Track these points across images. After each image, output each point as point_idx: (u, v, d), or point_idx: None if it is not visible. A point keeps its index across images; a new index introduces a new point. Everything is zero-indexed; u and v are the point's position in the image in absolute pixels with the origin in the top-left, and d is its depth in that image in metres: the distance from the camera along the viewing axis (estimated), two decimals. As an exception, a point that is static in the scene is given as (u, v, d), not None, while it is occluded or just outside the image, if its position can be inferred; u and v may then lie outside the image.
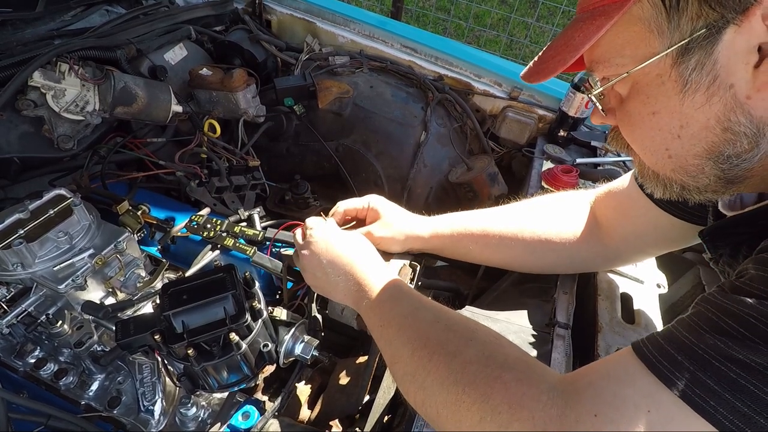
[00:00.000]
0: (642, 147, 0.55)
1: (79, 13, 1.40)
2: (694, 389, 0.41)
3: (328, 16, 1.70)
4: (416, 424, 0.69)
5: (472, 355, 0.57)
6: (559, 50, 0.52)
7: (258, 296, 0.81)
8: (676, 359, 0.43)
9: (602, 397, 0.47)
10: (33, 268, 0.82)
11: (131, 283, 0.91)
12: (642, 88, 0.50)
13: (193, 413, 0.82)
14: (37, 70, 1.04)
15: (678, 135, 0.50)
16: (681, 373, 0.42)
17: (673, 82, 0.47)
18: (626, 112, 0.54)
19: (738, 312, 0.42)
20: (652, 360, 0.45)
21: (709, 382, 0.40)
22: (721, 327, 0.42)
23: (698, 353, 0.42)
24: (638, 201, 0.79)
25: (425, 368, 0.59)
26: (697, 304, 0.47)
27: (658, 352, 0.45)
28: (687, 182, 0.54)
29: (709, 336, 0.42)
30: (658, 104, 0.50)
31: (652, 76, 0.49)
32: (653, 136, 0.52)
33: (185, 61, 1.46)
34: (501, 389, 0.51)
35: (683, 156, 0.51)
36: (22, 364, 0.86)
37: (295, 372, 0.89)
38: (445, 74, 1.58)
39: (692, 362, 0.42)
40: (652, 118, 0.51)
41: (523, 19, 3.82)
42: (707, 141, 0.48)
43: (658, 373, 0.44)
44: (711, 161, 0.50)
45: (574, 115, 1.40)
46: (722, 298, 0.44)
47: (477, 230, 0.91)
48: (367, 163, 1.45)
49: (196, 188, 1.19)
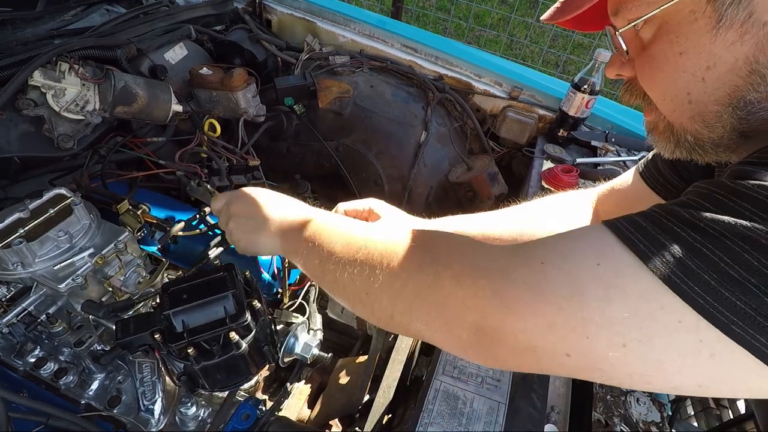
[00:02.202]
0: (662, 92, 0.53)
1: (79, 13, 1.40)
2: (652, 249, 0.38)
3: (329, 16, 1.70)
4: (420, 423, 0.69)
5: (413, 246, 0.53)
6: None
7: (258, 295, 0.81)
8: (640, 224, 0.41)
9: (554, 247, 0.44)
10: (33, 268, 0.82)
11: (131, 283, 0.91)
12: (671, 27, 0.49)
13: (193, 412, 0.83)
14: (38, 69, 1.04)
15: (702, 77, 0.48)
16: (644, 236, 0.39)
17: (707, 18, 0.45)
18: (649, 55, 0.52)
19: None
20: (620, 226, 0.42)
21: (672, 244, 0.37)
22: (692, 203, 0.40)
23: (664, 222, 0.39)
24: (643, 197, 0.78)
25: (369, 266, 0.54)
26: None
27: (626, 221, 0.42)
28: (701, 133, 0.52)
29: (666, 222, 0.40)
30: (687, 43, 0.48)
31: (685, 13, 0.47)
32: (676, 79, 0.50)
33: (185, 60, 1.46)
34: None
35: (704, 102, 0.49)
36: (22, 364, 0.86)
37: (295, 371, 0.89)
38: (445, 74, 1.58)
39: (656, 229, 0.39)
40: (678, 59, 0.49)
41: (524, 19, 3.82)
42: (731, 84, 0.47)
43: (620, 235, 0.41)
44: (730, 107, 0.48)
45: (574, 115, 1.40)
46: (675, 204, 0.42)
47: (477, 234, 0.91)
48: (368, 162, 1.45)
49: (196, 188, 1.19)
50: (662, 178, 0.76)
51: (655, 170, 0.77)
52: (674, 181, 0.75)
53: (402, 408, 0.80)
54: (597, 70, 1.34)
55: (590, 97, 1.36)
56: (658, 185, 0.77)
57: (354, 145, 1.47)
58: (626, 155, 1.40)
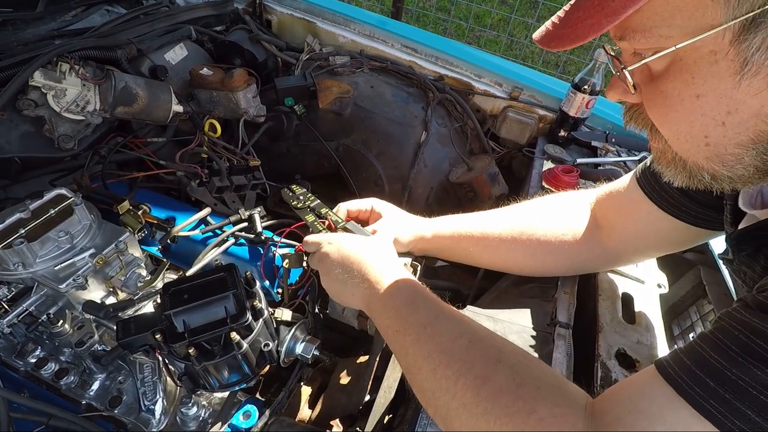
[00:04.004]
0: (676, 132, 0.48)
1: (79, 13, 1.40)
2: (733, 420, 0.38)
3: (329, 16, 1.70)
4: (419, 424, 0.69)
5: (502, 381, 0.54)
6: (591, 11, 0.43)
7: (259, 295, 0.81)
8: (708, 385, 0.40)
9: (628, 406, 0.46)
10: (34, 268, 0.82)
11: (132, 283, 0.91)
12: (687, 66, 0.43)
13: (194, 413, 0.83)
14: (38, 69, 1.04)
15: (723, 122, 0.43)
16: (717, 402, 0.39)
17: (729, 61, 0.40)
18: (660, 91, 0.47)
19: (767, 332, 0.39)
20: (683, 385, 0.42)
21: (749, 412, 0.38)
22: (752, 349, 0.39)
23: (732, 379, 0.39)
24: (640, 203, 0.78)
25: (449, 391, 0.56)
26: (721, 319, 0.45)
27: (687, 376, 0.42)
28: (719, 172, 0.48)
29: (740, 359, 0.40)
30: (706, 86, 0.42)
31: (704, 53, 0.41)
32: (693, 121, 0.45)
33: (186, 61, 1.46)
34: (536, 424, 0.49)
35: (723, 144, 0.45)
36: (23, 364, 0.86)
37: (296, 371, 0.89)
38: (445, 74, 1.58)
39: (727, 390, 0.39)
40: (694, 102, 0.44)
41: (524, 20, 3.82)
42: (755, 129, 0.42)
43: (691, 401, 0.41)
44: (753, 151, 0.44)
45: (574, 115, 1.40)
46: (748, 314, 0.42)
47: (477, 232, 0.91)
48: (368, 163, 1.45)
49: (196, 188, 1.19)
50: (658, 186, 0.76)
51: (651, 178, 0.77)
52: (671, 191, 0.74)
53: (403, 408, 0.80)
54: (597, 71, 1.34)
55: (590, 98, 1.36)
56: (654, 193, 0.77)
57: (354, 145, 1.47)
58: (626, 155, 1.40)
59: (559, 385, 0.54)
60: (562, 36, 0.46)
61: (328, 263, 0.77)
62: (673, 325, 1.31)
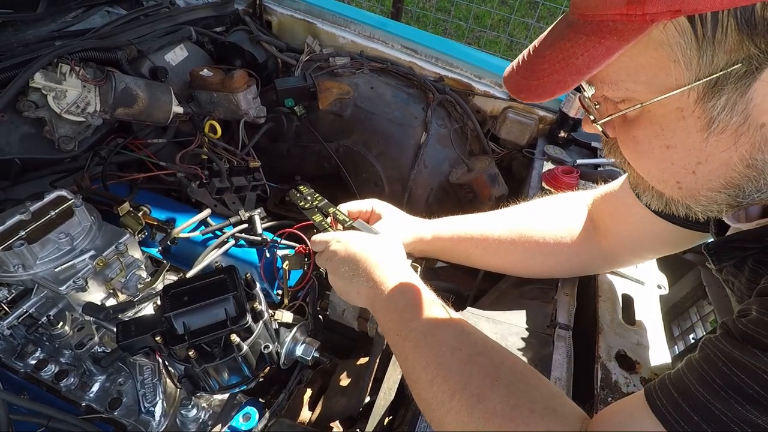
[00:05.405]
0: (648, 175, 0.50)
1: (79, 15, 1.40)
2: None
3: (329, 17, 1.70)
4: (419, 426, 0.69)
5: (496, 402, 0.54)
6: (557, 67, 0.43)
7: (259, 297, 0.81)
8: (692, 419, 0.42)
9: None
10: (34, 270, 0.82)
11: (132, 285, 0.91)
12: (656, 118, 0.44)
13: (194, 414, 0.82)
14: (39, 71, 1.04)
15: (693, 171, 0.45)
16: None
17: (695, 118, 0.42)
18: (632, 136, 0.48)
19: (750, 366, 0.40)
20: (668, 418, 0.43)
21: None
22: (734, 383, 0.40)
23: (715, 414, 0.40)
24: (634, 207, 0.78)
25: (445, 405, 0.57)
26: (705, 346, 0.45)
27: (673, 409, 0.43)
28: (693, 208, 0.49)
29: (723, 394, 0.41)
30: (675, 139, 0.44)
31: (671, 109, 0.43)
32: (664, 169, 0.47)
33: (186, 62, 1.46)
34: None
35: (696, 189, 0.47)
36: (22, 366, 0.86)
37: (296, 373, 0.89)
38: (445, 75, 1.58)
39: (710, 425, 0.41)
40: (665, 151, 0.45)
41: (524, 20, 3.82)
42: (725, 177, 0.44)
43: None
44: (725, 194, 0.45)
45: (574, 116, 1.40)
46: (730, 345, 0.43)
47: (477, 234, 0.91)
48: (368, 164, 1.45)
49: (196, 189, 1.19)
50: None
51: None
52: None
53: (403, 409, 0.80)
54: (597, 72, 1.34)
55: (590, 99, 1.36)
56: None
57: (354, 146, 1.47)
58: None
59: (555, 407, 0.54)
60: (530, 88, 0.46)
61: (335, 261, 0.77)
62: (673, 326, 1.31)
